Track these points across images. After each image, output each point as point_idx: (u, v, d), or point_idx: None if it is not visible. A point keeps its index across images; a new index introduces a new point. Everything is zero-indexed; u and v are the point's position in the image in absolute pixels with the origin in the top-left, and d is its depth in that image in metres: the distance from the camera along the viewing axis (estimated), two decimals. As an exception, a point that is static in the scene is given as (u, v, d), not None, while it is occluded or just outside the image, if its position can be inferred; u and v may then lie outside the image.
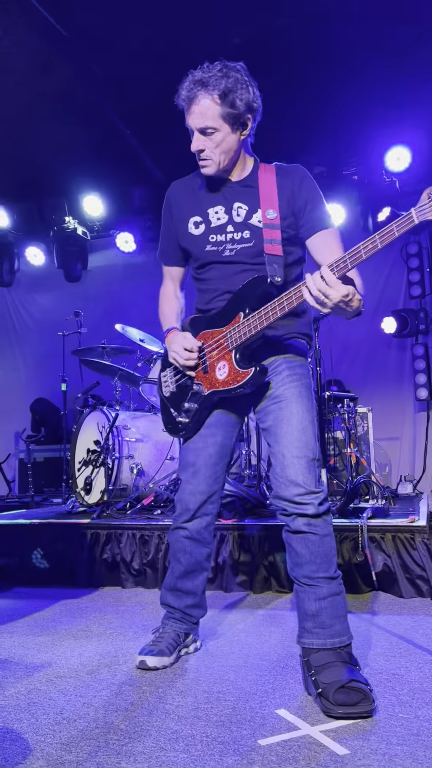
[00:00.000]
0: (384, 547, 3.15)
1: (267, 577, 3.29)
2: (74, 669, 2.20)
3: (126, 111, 5.74)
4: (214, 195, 2.21)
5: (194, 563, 2.27)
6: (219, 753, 1.55)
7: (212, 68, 2.05)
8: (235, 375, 2.08)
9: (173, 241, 2.32)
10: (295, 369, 2.13)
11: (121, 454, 4.31)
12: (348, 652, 1.92)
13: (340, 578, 2.00)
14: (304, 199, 2.12)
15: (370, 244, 1.75)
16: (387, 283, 6.58)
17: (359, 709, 1.73)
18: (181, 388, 2.29)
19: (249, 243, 2.13)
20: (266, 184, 2.15)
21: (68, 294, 7.64)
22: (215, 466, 2.22)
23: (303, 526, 1.96)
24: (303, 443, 2.01)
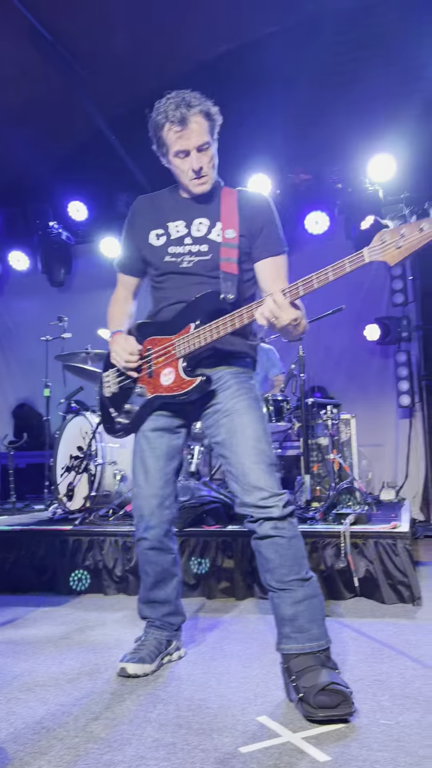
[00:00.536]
0: (366, 553, 3.16)
1: (250, 583, 3.28)
2: (54, 677, 2.18)
3: (111, 116, 5.75)
4: (177, 210, 2.27)
5: (162, 571, 2.29)
6: (200, 761, 1.54)
7: (183, 92, 2.11)
8: (180, 382, 2.12)
9: (133, 252, 2.37)
10: (242, 384, 2.18)
11: (104, 460, 4.28)
12: (327, 655, 1.92)
13: (315, 580, 2.01)
14: (261, 223, 2.21)
15: (323, 275, 1.85)
16: (370, 291, 6.62)
17: (340, 711, 1.73)
18: (123, 389, 2.33)
19: (206, 256, 2.19)
20: (228, 204, 2.22)
21: (52, 299, 7.60)
22: (164, 468, 2.25)
23: (270, 530, 1.97)
24: (259, 451, 2.05)
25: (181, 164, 2.15)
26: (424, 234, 1.72)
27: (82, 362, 4.91)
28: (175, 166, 2.18)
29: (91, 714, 1.85)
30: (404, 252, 1.76)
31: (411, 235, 1.74)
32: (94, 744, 1.65)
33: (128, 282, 2.45)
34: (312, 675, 1.82)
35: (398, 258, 1.77)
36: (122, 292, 2.46)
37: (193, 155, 2.11)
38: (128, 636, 2.62)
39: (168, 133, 2.11)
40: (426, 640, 2.47)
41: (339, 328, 6.46)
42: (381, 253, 1.78)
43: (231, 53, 5.26)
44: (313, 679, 1.81)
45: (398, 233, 1.76)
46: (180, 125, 2.07)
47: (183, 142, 2.10)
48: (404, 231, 1.75)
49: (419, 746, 1.57)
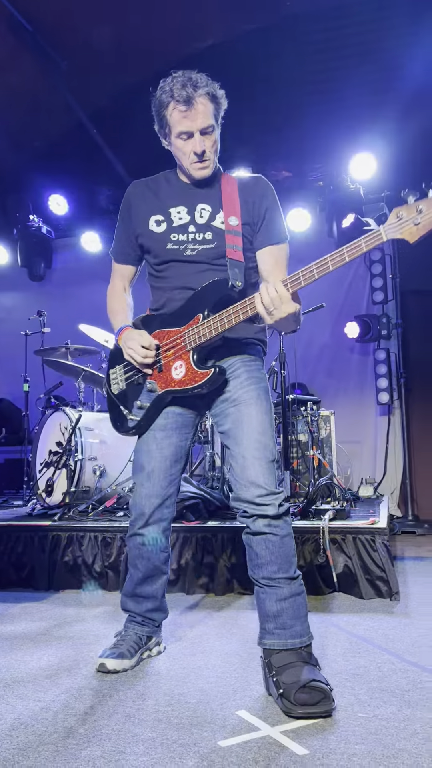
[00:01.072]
0: (345, 549, 3.18)
1: (229, 578, 3.29)
2: (33, 673, 2.17)
3: (92, 109, 5.70)
4: (177, 195, 2.21)
5: (153, 568, 2.27)
6: (179, 755, 1.54)
7: (189, 72, 2.05)
8: (193, 375, 2.07)
9: (129, 240, 2.30)
10: (253, 372, 2.15)
11: (84, 456, 4.26)
12: (308, 652, 1.93)
13: (301, 578, 2.01)
14: (263, 210, 2.18)
15: (337, 257, 1.79)
16: (350, 289, 6.67)
17: (320, 708, 1.74)
18: (132, 386, 2.28)
19: (211, 244, 2.14)
20: (229, 191, 2.18)
21: (32, 293, 7.54)
22: (170, 468, 2.21)
23: (264, 527, 1.97)
24: (262, 445, 2.03)
25: (183, 146, 2.09)
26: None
27: (62, 357, 4.88)
28: (176, 147, 2.11)
29: (70, 710, 1.84)
30: (423, 228, 1.68)
31: (429, 211, 1.67)
32: (73, 740, 1.64)
33: (125, 271, 2.38)
34: (293, 671, 1.83)
35: (417, 235, 1.69)
36: (119, 283, 2.39)
37: (196, 137, 2.06)
38: (108, 632, 2.62)
39: (172, 112, 2.04)
40: (403, 634, 2.50)
41: (319, 326, 6.50)
42: (399, 230, 1.71)
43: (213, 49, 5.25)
44: (294, 676, 1.81)
45: (415, 209, 1.68)
46: (185, 105, 2.01)
47: (187, 123, 2.04)
48: (422, 207, 1.67)
49: (396, 739, 1.59)
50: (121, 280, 2.39)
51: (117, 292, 2.38)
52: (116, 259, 2.39)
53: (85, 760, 1.53)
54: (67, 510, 3.95)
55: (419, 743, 1.57)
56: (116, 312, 2.33)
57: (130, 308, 2.36)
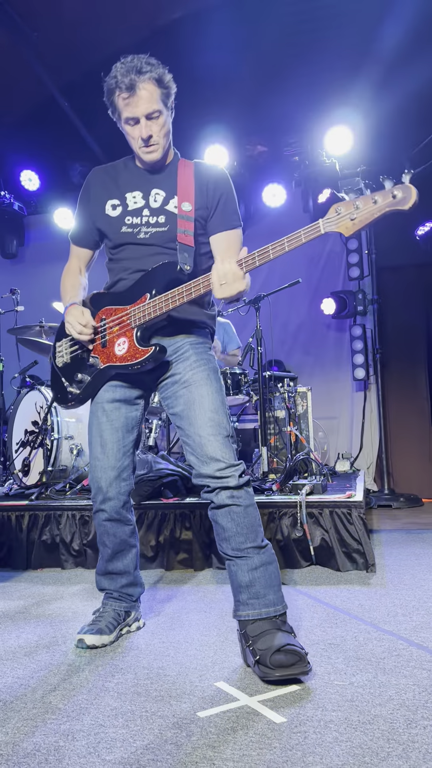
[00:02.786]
0: (322, 523, 3.22)
1: (207, 554, 3.31)
2: (11, 651, 2.17)
3: (63, 83, 5.57)
4: (134, 181, 2.25)
5: (120, 543, 2.29)
6: (158, 727, 1.55)
7: (137, 57, 2.07)
8: (135, 352, 2.11)
9: (87, 224, 2.34)
10: (201, 354, 2.19)
11: (61, 435, 4.24)
12: (283, 620, 1.96)
13: (270, 547, 2.04)
14: (218, 196, 2.22)
15: (278, 246, 1.87)
16: (326, 265, 6.67)
17: (296, 670, 1.77)
18: (75, 359, 2.32)
19: (164, 228, 2.18)
20: (185, 177, 2.22)
21: (4, 271, 7.43)
22: (122, 440, 2.24)
23: (227, 499, 2.00)
24: (216, 423, 2.07)
25: (131, 131, 2.13)
26: (378, 206, 1.76)
27: (36, 336, 4.81)
28: (126, 132, 2.17)
29: (49, 685, 1.85)
30: (358, 224, 1.79)
31: (365, 208, 1.77)
32: (52, 715, 1.65)
33: (82, 254, 2.42)
34: (268, 638, 1.86)
35: (353, 229, 1.80)
36: (75, 264, 2.43)
37: (142, 123, 2.09)
38: (86, 609, 2.63)
39: (118, 99, 2.08)
40: (379, 604, 2.55)
41: (296, 302, 6.50)
42: (336, 224, 1.81)
43: (185, 20, 5.15)
44: (269, 642, 1.84)
45: (353, 205, 1.78)
46: (128, 92, 2.04)
47: (131, 110, 2.07)
48: (359, 203, 1.78)
49: (371, 705, 1.63)
50: (77, 261, 2.43)
51: (70, 271, 2.42)
52: (74, 241, 2.43)
53: (64, 734, 1.53)
54: (45, 489, 3.93)
55: (394, 709, 1.60)
56: (65, 290, 2.37)
57: (83, 288, 2.39)
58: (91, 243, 2.39)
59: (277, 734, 1.49)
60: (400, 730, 1.49)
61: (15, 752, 1.46)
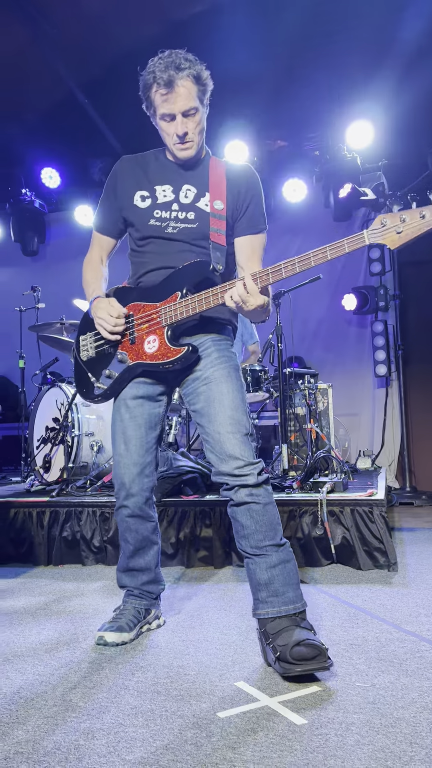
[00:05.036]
0: (343, 521, 3.19)
1: (227, 551, 3.31)
2: (32, 648, 2.18)
3: (84, 80, 5.57)
4: (165, 174, 2.23)
5: (142, 539, 2.28)
6: (179, 727, 1.55)
7: (174, 52, 2.05)
8: (166, 351, 2.10)
9: (113, 212, 2.31)
10: (223, 351, 2.17)
11: (81, 432, 4.25)
12: (302, 617, 1.95)
13: (288, 545, 2.03)
14: (248, 199, 2.20)
15: (320, 254, 1.85)
16: (348, 261, 6.60)
17: (316, 664, 1.75)
18: (101, 354, 2.30)
19: (193, 224, 2.16)
20: (217, 175, 2.20)
21: (25, 268, 7.48)
22: (145, 436, 2.23)
23: (246, 497, 1.99)
24: (236, 420, 2.06)
25: (166, 127, 2.10)
26: (425, 221, 1.74)
27: (57, 333, 4.83)
28: (161, 128, 2.14)
29: (70, 683, 1.85)
30: (404, 238, 1.78)
31: (412, 222, 1.76)
32: (73, 713, 1.65)
33: (105, 243, 2.38)
34: (287, 634, 1.85)
35: (398, 243, 1.79)
36: (97, 254, 2.39)
37: (178, 119, 2.06)
38: (107, 606, 2.63)
39: (155, 94, 2.05)
40: (401, 604, 2.52)
41: (317, 298, 6.45)
42: (381, 236, 1.80)
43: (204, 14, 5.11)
44: (288, 638, 1.83)
45: (399, 218, 1.77)
46: (166, 88, 2.02)
47: (168, 106, 2.05)
48: (405, 216, 1.76)
49: (394, 708, 1.60)
50: (99, 250, 2.39)
51: (93, 262, 2.39)
52: (97, 229, 2.39)
53: (84, 733, 1.53)
54: (65, 485, 3.95)
55: (417, 712, 1.58)
56: (89, 282, 2.34)
57: (105, 279, 2.37)
58: (115, 232, 2.35)
59: (298, 736, 1.48)
60: (423, 733, 1.47)
61: (35, 750, 1.46)
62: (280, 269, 1.89)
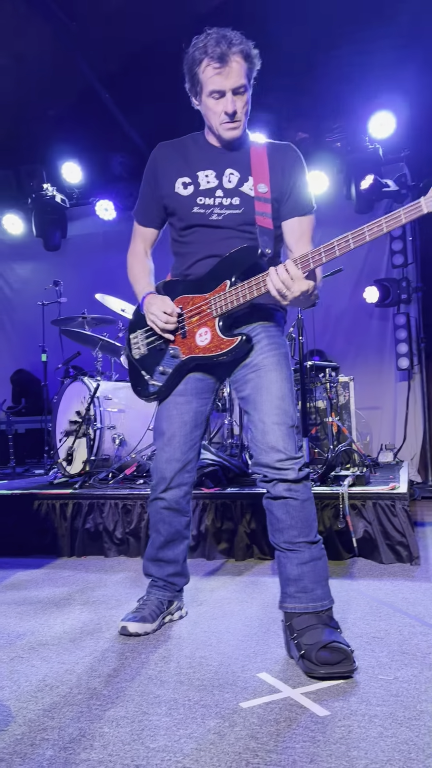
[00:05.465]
0: (365, 514, 3.18)
1: (249, 544, 3.31)
2: (57, 637, 2.21)
3: (104, 74, 5.58)
4: (206, 158, 2.16)
5: (174, 533, 2.28)
6: (201, 716, 1.56)
7: (223, 29, 2.00)
8: (219, 342, 2.05)
9: (155, 202, 2.25)
10: (274, 338, 2.12)
11: (103, 425, 4.28)
12: (329, 615, 1.94)
13: (321, 543, 2.01)
14: (292, 180, 2.12)
15: (343, 242, 1.80)
16: (369, 252, 6.55)
17: (341, 668, 1.75)
18: (154, 351, 2.26)
19: (238, 210, 2.10)
20: (258, 157, 2.12)
21: (47, 263, 7.53)
22: (191, 433, 2.21)
23: (284, 492, 1.97)
24: (282, 411, 2.01)
25: (214, 106, 2.03)
26: None
27: (79, 327, 4.87)
28: (207, 107, 2.05)
29: (94, 672, 1.87)
30: None
31: None
32: (97, 700, 1.67)
33: (147, 234, 2.33)
34: (314, 633, 1.85)
35: None
36: (140, 245, 2.34)
37: (228, 97, 2.00)
38: (129, 597, 2.66)
39: (205, 69, 1.98)
40: (423, 598, 2.50)
41: (338, 291, 6.41)
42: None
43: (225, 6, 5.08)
44: (315, 637, 1.83)
45: None
46: (219, 62, 1.95)
47: (220, 81, 1.97)
48: None
49: (417, 701, 1.60)
50: (143, 242, 2.35)
51: (139, 255, 2.33)
52: (139, 221, 2.34)
53: (108, 721, 1.55)
54: (88, 478, 3.99)
55: (440, 705, 1.57)
56: (138, 277, 2.29)
57: (152, 273, 2.32)
58: (157, 222, 2.30)
59: (321, 727, 1.48)
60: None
61: (61, 737, 1.48)
62: (307, 258, 1.81)
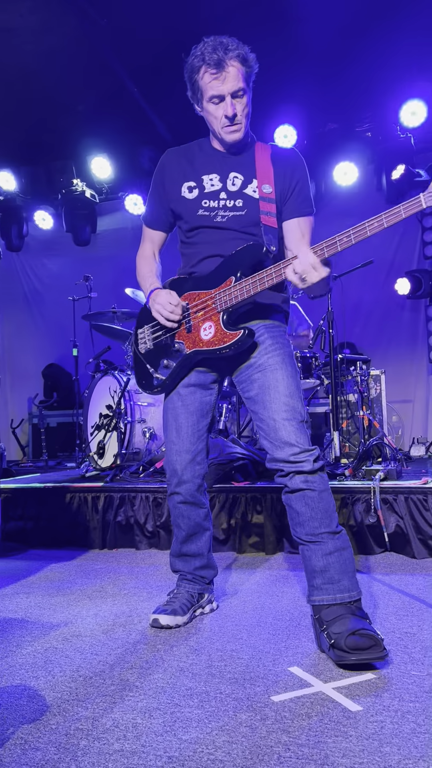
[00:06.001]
0: (396, 509, 3.15)
1: (279, 537, 3.31)
2: (90, 628, 2.24)
3: (133, 68, 5.59)
4: (210, 163, 2.23)
5: (194, 525, 2.31)
6: (233, 709, 1.57)
7: (220, 37, 2.06)
8: (222, 336, 2.09)
9: (162, 206, 2.32)
10: (276, 338, 2.16)
11: (134, 418, 4.32)
12: (358, 606, 1.94)
13: (344, 533, 2.02)
14: (294, 183, 2.19)
15: (360, 230, 1.80)
16: (401, 244, 6.47)
17: (372, 654, 1.75)
18: (159, 345, 2.31)
19: (241, 211, 2.16)
20: (262, 160, 2.19)
21: (77, 258, 7.60)
22: (197, 424, 2.25)
23: (301, 484, 1.98)
24: (291, 407, 2.04)
25: (214, 110, 2.10)
26: None
27: (109, 321, 4.91)
28: (208, 112, 2.13)
29: (126, 663, 1.90)
30: None
31: None
32: (130, 692, 1.69)
33: (156, 237, 2.41)
34: (343, 622, 1.85)
35: None
36: (149, 248, 2.42)
37: (227, 101, 2.06)
38: (160, 589, 2.68)
39: (204, 76, 2.06)
40: (457, 593, 2.47)
41: (368, 283, 6.35)
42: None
43: None
44: (343, 626, 1.83)
45: None
46: (216, 68, 2.02)
47: (218, 86, 2.04)
48: None
49: (451, 697, 1.58)
50: (151, 245, 2.42)
51: (146, 257, 2.41)
52: (148, 224, 2.42)
53: (141, 711, 1.57)
54: (119, 471, 4.02)
55: (475, 702, 1.55)
56: (145, 275, 2.36)
57: (159, 273, 2.38)
58: (165, 225, 2.38)
59: (353, 722, 1.48)
60: None
61: (95, 727, 1.50)
62: (335, 242, 1.85)
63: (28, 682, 1.78)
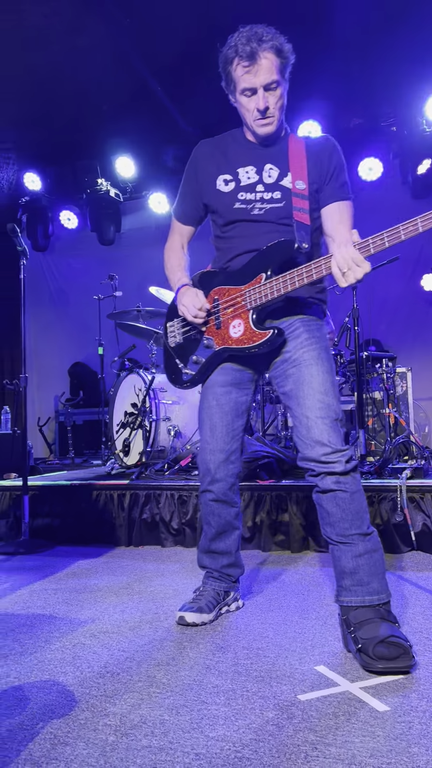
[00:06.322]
0: (423, 507, 3.12)
1: (305, 536, 3.30)
2: (117, 625, 2.26)
3: (156, 67, 5.61)
4: (246, 155, 2.19)
5: (224, 524, 2.30)
6: (260, 707, 1.57)
7: (256, 26, 2.01)
8: (251, 335, 2.07)
9: (194, 200, 2.30)
10: (313, 332, 2.12)
11: (159, 417, 4.34)
12: (387, 609, 1.92)
13: (376, 535, 1.99)
14: (332, 168, 2.14)
15: (410, 226, 1.72)
16: (427, 239, 6.36)
17: (399, 663, 1.73)
18: (189, 340, 2.31)
19: (279, 203, 2.12)
20: (297, 153, 2.15)
21: (102, 257, 7.65)
22: (231, 423, 2.23)
23: (332, 485, 1.96)
24: (325, 405, 2.01)
25: (247, 103, 2.07)
26: None
27: (134, 320, 4.93)
28: (241, 104, 2.09)
29: (153, 660, 1.91)
30: None
31: None
32: (157, 688, 1.71)
33: (185, 231, 2.39)
34: (371, 627, 1.83)
35: None
36: (177, 241, 2.39)
37: (260, 93, 2.03)
38: (186, 587, 2.69)
39: (236, 68, 2.02)
40: None
41: (394, 279, 6.29)
42: None
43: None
44: (372, 631, 1.81)
45: None
46: (249, 60, 1.98)
47: (250, 79, 2.01)
48: None
49: None
50: (180, 238, 2.40)
51: (175, 249, 2.39)
52: (178, 218, 2.39)
53: (168, 708, 1.58)
54: (144, 469, 4.05)
55: None
56: (174, 269, 2.35)
57: (187, 266, 2.37)
58: (195, 220, 2.36)
59: (381, 723, 1.47)
60: None
61: (123, 723, 1.52)
62: (383, 237, 1.79)
63: (57, 678, 1.81)
